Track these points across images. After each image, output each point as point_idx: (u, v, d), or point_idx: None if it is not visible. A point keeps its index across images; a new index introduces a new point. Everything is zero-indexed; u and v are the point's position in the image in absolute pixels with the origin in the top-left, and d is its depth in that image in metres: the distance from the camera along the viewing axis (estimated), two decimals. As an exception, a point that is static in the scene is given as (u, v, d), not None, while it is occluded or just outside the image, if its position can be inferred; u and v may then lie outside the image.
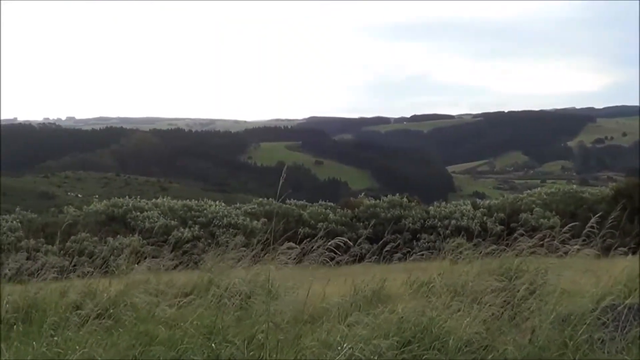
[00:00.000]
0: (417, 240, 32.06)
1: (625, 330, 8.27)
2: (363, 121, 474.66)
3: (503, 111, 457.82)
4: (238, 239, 13.34)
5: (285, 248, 9.41)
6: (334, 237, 9.33)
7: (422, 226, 33.33)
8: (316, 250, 9.92)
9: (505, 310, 9.09)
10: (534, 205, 34.10)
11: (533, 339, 7.99)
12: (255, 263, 11.57)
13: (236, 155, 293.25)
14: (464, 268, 11.31)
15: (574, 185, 49.49)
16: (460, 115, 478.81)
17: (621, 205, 13.23)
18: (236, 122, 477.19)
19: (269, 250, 10.63)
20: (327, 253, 9.68)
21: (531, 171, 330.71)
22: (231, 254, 12.22)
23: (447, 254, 12.71)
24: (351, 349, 7.21)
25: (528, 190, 39.22)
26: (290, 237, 11.24)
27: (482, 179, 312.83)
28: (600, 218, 10.77)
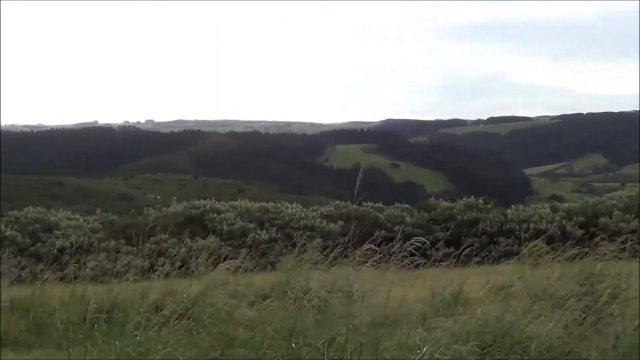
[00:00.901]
0: (494, 244, 31.71)
1: None
2: (439, 123, 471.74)
3: (582, 113, 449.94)
4: (316, 242, 13.37)
5: (365, 251, 9.36)
6: (411, 240, 9.28)
7: (500, 229, 32.95)
8: (394, 253, 9.87)
9: (587, 315, 8.93)
10: (614, 209, 33.45)
11: (616, 345, 7.84)
12: (332, 265, 11.57)
13: (312, 158, 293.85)
14: (544, 272, 11.15)
15: (655, 188, 48.34)
16: (537, 117, 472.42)
17: None
18: (312, 125, 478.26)
19: (347, 252, 10.62)
20: (406, 255, 9.63)
21: (610, 174, 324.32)
22: (308, 256, 12.25)
23: (527, 257, 12.54)
24: (431, 353, 7.16)
25: (608, 194, 38.44)
26: (367, 240, 11.21)
27: (560, 181, 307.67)
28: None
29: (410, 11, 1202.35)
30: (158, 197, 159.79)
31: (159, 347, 7.78)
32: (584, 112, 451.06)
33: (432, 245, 10.27)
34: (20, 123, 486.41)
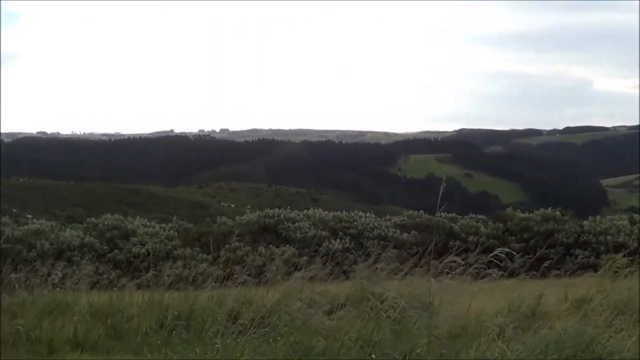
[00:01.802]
0: (571, 256, 31.22)
1: None
2: (514, 133, 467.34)
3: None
4: (391, 251, 13.32)
5: (447, 262, 9.26)
6: (485, 251, 9.18)
7: (576, 241, 32.43)
8: (471, 264, 9.79)
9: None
10: (696, 221, 32.67)
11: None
12: (406, 275, 11.52)
13: (386, 167, 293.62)
14: (624, 285, 10.93)
15: None
16: (615, 127, 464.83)
17: None
18: (386, 134, 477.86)
19: (423, 263, 10.55)
20: (483, 267, 9.54)
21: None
22: (381, 265, 12.21)
23: (606, 270, 12.32)
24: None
25: (689, 206, 37.71)
26: (441, 250, 11.13)
27: (638, 192, 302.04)
28: None
29: (488, 18, 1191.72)
30: (232, 206, 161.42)
31: (237, 355, 7.82)
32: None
33: (510, 257, 10.06)
34: (99, 131, 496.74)
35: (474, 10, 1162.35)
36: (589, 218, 35.29)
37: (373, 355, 7.73)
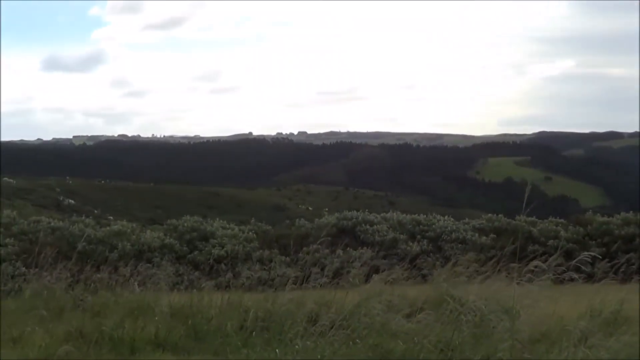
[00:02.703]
0: (653, 261, 30.65)
1: None
2: (594, 136, 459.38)
3: None
4: (469, 255, 13.26)
5: (532, 267, 9.16)
6: (565, 255, 9.09)
7: (659, 246, 31.82)
8: (551, 268, 9.68)
9: None
10: None
11: None
12: (486, 279, 11.45)
13: (464, 171, 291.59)
14: None
15: None
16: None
17: None
18: (464, 137, 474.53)
19: (501, 266, 10.47)
20: (564, 271, 9.45)
21: None
22: (460, 269, 12.16)
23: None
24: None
25: None
26: (520, 254, 11.02)
27: None
28: None
29: (569, 18, 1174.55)
30: (310, 208, 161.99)
31: (317, 356, 7.88)
32: None
33: (592, 262, 9.91)
34: (178, 134, 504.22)
35: (555, 11, 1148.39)
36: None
37: (453, 358, 7.71)
